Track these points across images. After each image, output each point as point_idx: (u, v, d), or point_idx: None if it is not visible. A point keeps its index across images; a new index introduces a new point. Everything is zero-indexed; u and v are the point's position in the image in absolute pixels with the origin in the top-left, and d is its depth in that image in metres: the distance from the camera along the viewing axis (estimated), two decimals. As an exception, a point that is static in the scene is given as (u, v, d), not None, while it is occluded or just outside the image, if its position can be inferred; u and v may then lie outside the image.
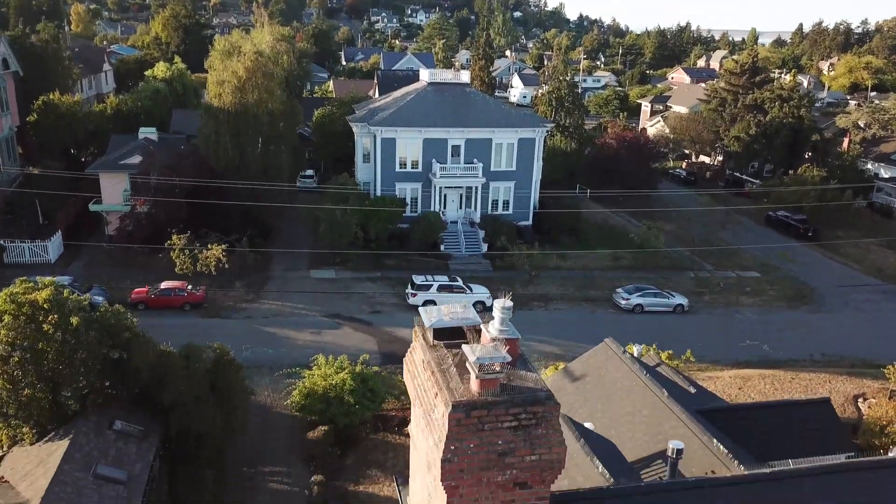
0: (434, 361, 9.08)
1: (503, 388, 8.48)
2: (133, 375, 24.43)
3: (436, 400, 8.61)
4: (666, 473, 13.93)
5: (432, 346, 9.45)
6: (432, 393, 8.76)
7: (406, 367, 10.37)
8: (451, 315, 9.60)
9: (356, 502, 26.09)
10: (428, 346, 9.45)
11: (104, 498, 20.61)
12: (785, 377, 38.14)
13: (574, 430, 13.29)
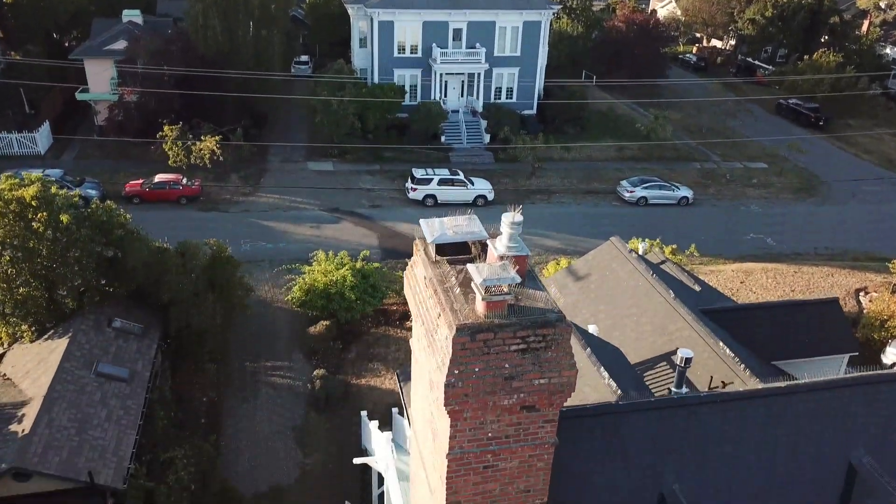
0: (437, 279, 8.42)
1: (511, 309, 7.86)
2: (129, 273, 24.02)
3: (438, 321, 8.01)
4: (673, 380, 13.66)
5: (434, 262, 8.77)
6: (435, 313, 8.15)
7: (406, 281, 9.75)
8: (454, 229, 8.86)
9: (358, 395, 26.41)
10: (430, 262, 8.78)
11: (107, 396, 20.70)
12: (787, 271, 37.91)
13: (580, 338, 12.89)
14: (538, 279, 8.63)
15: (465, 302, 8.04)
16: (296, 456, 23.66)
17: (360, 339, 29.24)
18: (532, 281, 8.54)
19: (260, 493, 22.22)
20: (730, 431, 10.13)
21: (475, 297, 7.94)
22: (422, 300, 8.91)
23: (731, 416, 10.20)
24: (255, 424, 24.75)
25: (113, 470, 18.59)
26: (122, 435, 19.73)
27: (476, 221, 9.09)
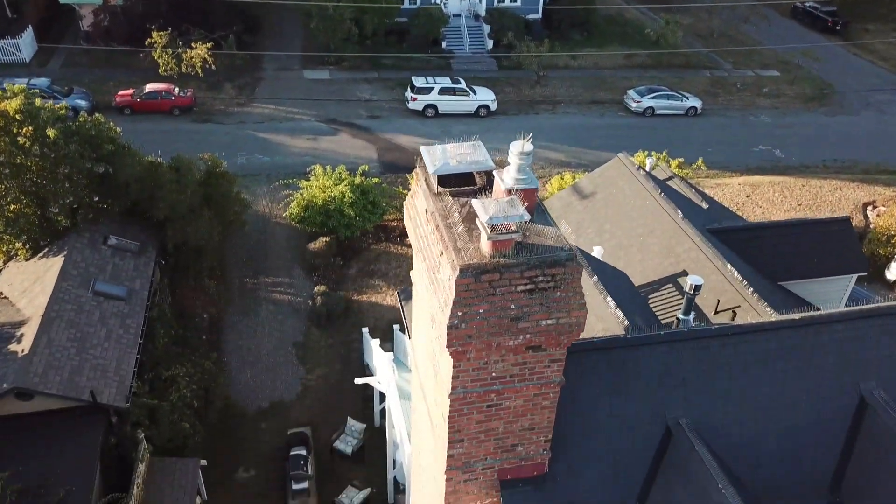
0: (439, 213, 7.87)
1: (518, 247, 7.33)
2: (121, 190, 23.39)
3: (441, 259, 7.51)
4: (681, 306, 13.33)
5: (436, 195, 8.19)
6: (437, 250, 7.64)
7: (406, 212, 9.20)
8: (458, 158, 8.21)
9: (359, 311, 26.35)
10: (431, 194, 8.19)
11: (105, 315, 20.53)
12: (795, 184, 37.19)
13: (587, 264, 12.44)
14: (547, 213, 8.08)
15: (469, 240, 7.52)
16: (297, 372, 23.81)
17: (360, 255, 28.93)
18: (541, 215, 7.99)
19: (262, 409, 22.49)
20: (740, 365, 9.84)
21: (480, 234, 7.41)
22: (423, 235, 8.39)
23: (743, 349, 9.89)
24: (256, 341, 24.80)
25: (115, 389, 18.63)
26: (122, 354, 19.68)
27: (481, 149, 8.44)
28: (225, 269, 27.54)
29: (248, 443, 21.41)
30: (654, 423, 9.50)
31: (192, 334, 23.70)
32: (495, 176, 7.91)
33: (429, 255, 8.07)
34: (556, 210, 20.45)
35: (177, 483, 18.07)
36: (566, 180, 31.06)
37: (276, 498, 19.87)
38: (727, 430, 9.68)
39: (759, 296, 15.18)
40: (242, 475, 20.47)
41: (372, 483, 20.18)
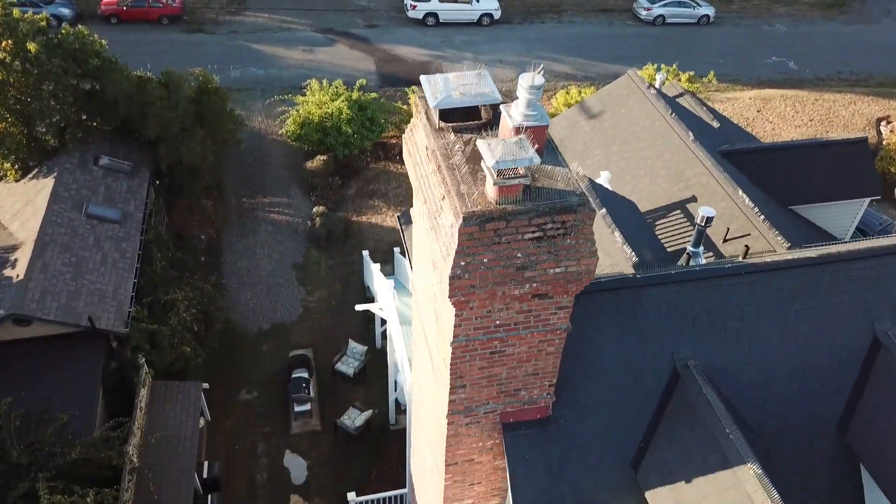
0: (440, 152, 7.30)
1: (526, 191, 6.81)
2: (110, 108, 22.52)
3: (443, 203, 7.01)
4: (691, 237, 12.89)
5: (438, 130, 7.59)
6: (438, 193, 7.12)
7: (406, 147, 8.61)
8: (462, 89, 7.55)
9: (359, 232, 25.96)
10: (432, 130, 7.58)
11: (100, 238, 20.13)
12: (807, 98, 36.01)
13: (595, 195, 11.90)
14: (558, 152, 7.50)
15: (472, 183, 6.98)
16: (298, 293, 23.67)
17: (358, 174, 28.26)
18: (551, 154, 7.41)
19: (263, 331, 22.46)
20: (753, 305, 9.50)
21: (485, 177, 6.87)
22: (424, 174, 7.84)
23: (757, 288, 9.52)
24: (255, 262, 24.53)
25: (113, 314, 18.46)
26: (119, 279, 19.42)
27: (487, 80, 7.76)
28: (222, 189, 26.96)
29: (249, 365, 21.50)
30: (662, 366, 9.25)
31: (190, 256, 23.40)
32: (502, 111, 7.28)
33: (430, 197, 7.55)
34: (562, 130, 19.67)
35: (179, 406, 18.19)
36: (572, 95, 30.00)
37: (278, 419, 20.09)
38: (736, 372, 9.44)
39: (770, 223, 14.70)
40: (245, 396, 20.64)
41: (374, 404, 20.37)
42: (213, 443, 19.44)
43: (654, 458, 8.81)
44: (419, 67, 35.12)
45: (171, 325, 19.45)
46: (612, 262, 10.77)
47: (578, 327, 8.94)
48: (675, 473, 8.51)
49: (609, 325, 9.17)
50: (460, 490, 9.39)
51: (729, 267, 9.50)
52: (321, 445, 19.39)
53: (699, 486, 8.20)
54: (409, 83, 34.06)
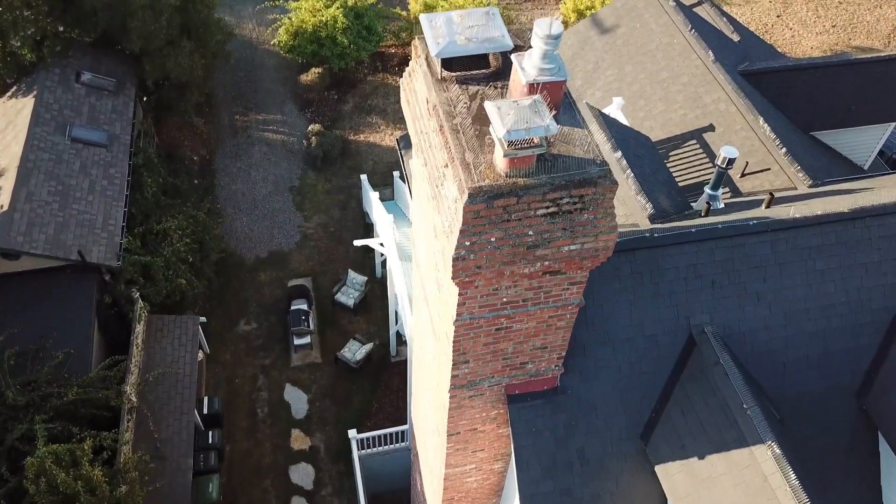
0: (443, 108, 6.43)
1: (540, 160, 6.00)
2: (89, 17, 21.03)
3: (446, 171, 6.21)
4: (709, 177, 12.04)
5: (440, 81, 6.67)
6: (440, 158, 6.31)
7: (404, 95, 7.69)
8: (467, 34, 6.58)
9: (357, 152, 24.95)
10: (434, 80, 6.68)
11: (87, 164, 19.23)
12: (830, 1, 33.88)
13: (609, 135, 10.95)
14: (575, 108, 6.61)
15: (479, 149, 6.14)
16: (295, 219, 22.96)
17: (355, 88, 26.90)
18: (568, 112, 6.53)
19: (260, 259, 21.91)
20: (776, 264, 8.82)
21: (493, 142, 6.03)
22: (423, 130, 6.97)
23: (781, 246, 8.80)
24: (250, 185, 23.68)
25: (104, 246, 17.84)
26: (109, 207, 18.67)
27: (497, 21, 6.74)
28: (213, 106, 25.73)
29: (247, 294, 21.08)
30: (677, 331, 8.67)
31: (183, 180, 22.52)
32: (514, 62, 6.33)
33: (431, 159, 6.72)
34: (572, 47, 18.34)
35: (177, 341, 17.88)
36: (582, 0, 28.13)
37: (278, 351, 19.86)
38: (755, 336, 8.88)
39: (792, 157, 13.81)
40: (244, 328, 20.34)
41: (375, 335, 20.10)
42: (213, 376, 19.29)
43: (665, 429, 8.40)
44: (419, -32, 32.88)
45: (165, 255, 18.87)
46: (627, 211, 10.00)
47: (590, 290, 8.32)
48: (686, 448, 8.11)
49: (623, 289, 8.54)
50: (462, 457, 9.06)
51: (753, 224, 8.75)
52: (322, 378, 19.24)
53: (712, 463, 7.81)
54: (409, -14, 32.02)
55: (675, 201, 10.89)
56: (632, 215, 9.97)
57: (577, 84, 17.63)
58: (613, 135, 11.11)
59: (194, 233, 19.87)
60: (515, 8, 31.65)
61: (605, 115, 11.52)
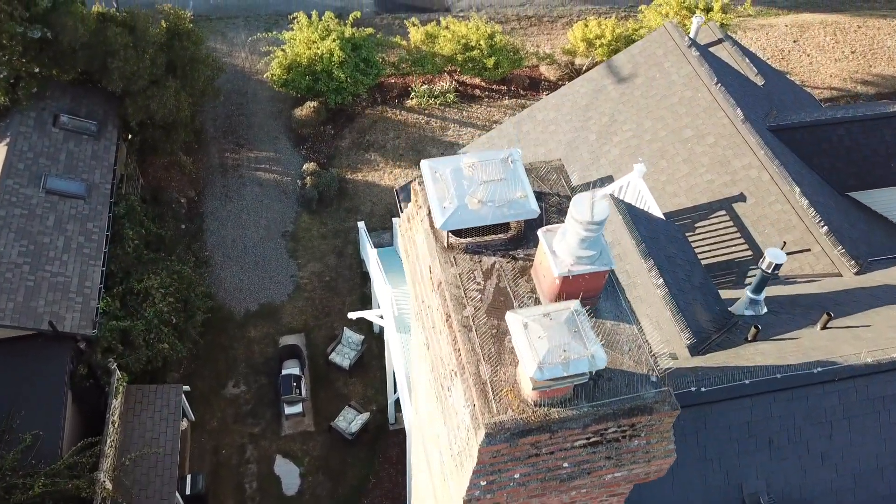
0: (450, 290, 5.08)
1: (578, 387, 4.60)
2: (67, 57, 19.68)
3: (454, 383, 4.82)
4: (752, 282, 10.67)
5: (447, 249, 5.30)
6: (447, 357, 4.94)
7: (402, 243, 6.34)
8: (482, 194, 5.21)
9: (355, 193, 23.57)
10: (439, 247, 5.30)
11: (62, 219, 17.87)
12: (849, 25, 32.52)
13: (638, 236, 9.56)
14: (620, 295, 5.23)
15: (498, 356, 4.78)
16: (288, 267, 21.58)
17: (353, 122, 25.52)
18: (611, 301, 5.16)
19: (251, 313, 20.54)
20: (844, 417, 7.52)
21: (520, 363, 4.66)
22: (425, 301, 5.61)
23: (850, 397, 7.47)
24: (241, 230, 22.30)
25: (79, 312, 16.49)
26: (85, 267, 17.31)
27: (518, 173, 5.36)
28: (202, 142, 24.35)
29: (236, 352, 19.72)
30: (728, 502, 7.31)
31: (169, 225, 21.12)
32: (542, 241, 4.96)
33: (435, 345, 5.36)
34: (585, 97, 16.97)
35: (158, 414, 16.54)
36: (591, 28, 26.74)
37: (268, 417, 18.51)
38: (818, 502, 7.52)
39: (836, 238, 12.45)
40: (232, 391, 18.99)
41: (372, 399, 18.75)
42: (198, 446, 17.95)
43: None
44: (420, -11, 31.54)
45: (147, 318, 17.50)
46: (663, 337, 8.63)
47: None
48: None
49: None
50: None
51: (818, 372, 7.38)
52: (315, 449, 17.89)
53: None
54: (409, 9, 30.64)
55: (714, 311, 9.53)
56: (668, 342, 8.61)
57: (592, 139, 16.26)
58: (642, 232, 9.74)
59: (178, 290, 18.50)
60: (520, 32, 30.28)
61: (632, 208, 10.14)
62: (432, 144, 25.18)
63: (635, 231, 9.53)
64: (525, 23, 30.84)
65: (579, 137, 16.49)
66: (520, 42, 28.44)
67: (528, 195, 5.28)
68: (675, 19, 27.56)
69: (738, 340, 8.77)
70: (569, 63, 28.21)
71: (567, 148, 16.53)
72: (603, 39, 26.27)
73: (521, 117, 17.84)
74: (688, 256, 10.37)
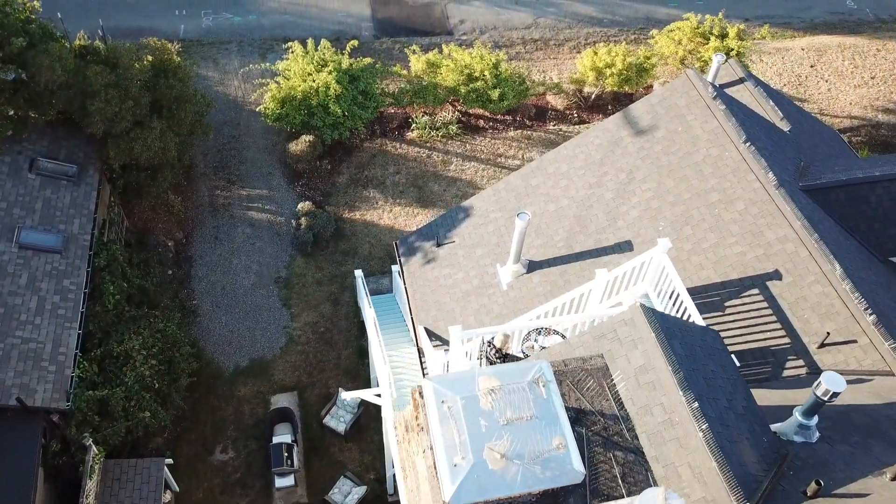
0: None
1: None
2: (44, 99, 18.43)
3: None
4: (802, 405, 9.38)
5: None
6: None
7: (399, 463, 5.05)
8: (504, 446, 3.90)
9: (352, 233, 22.30)
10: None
11: (36, 276, 16.61)
12: (868, 49, 31.24)
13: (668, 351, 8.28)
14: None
15: None
16: (281, 318, 20.31)
17: (351, 156, 24.25)
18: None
19: (240, 369, 19.28)
20: None
21: None
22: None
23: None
24: (231, 276, 21.03)
25: (52, 384, 15.25)
26: (60, 331, 16.07)
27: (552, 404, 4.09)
28: (192, 178, 23.09)
29: (224, 413, 18.47)
30: None
31: (154, 273, 19.80)
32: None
33: None
34: (601, 150, 15.68)
35: (137, 492, 15.28)
36: (600, 56, 25.42)
37: (259, 487, 17.25)
38: None
39: (886, 330, 11.18)
40: (219, 457, 17.73)
41: (370, 468, 17.49)
42: (182, 522, 16.70)
43: None
44: (420, 11, 30.29)
45: (127, 383, 16.23)
46: (708, 495, 7.34)
47: None
48: None
49: None
50: None
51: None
52: (308, 527, 16.67)
53: None
54: (410, 31, 29.39)
55: (762, 444, 8.27)
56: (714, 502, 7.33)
57: (608, 197, 14.98)
58: (677, 351, 8.45)
59: (162, 351, 17.25)
60: (525, 57, 28.99)
61: (664, 320, 8.85)
62: (434, 180, 23.92)
63: (671, 354, 8.24)
64: (531, 46, 29.57)
65: (594, 195, 15.21)
66: (525, 69, 27.15)
67: (567, 444, 3.99)
68: (690, 46, 26.29)
69: (795, 495, 7.50)
70: (577, 91, 26.91)
71: (580, 206, 15.24)
72: (613, 69, 24.99)
73: (530, 169, 16.56)
74: (728, 373, 9.08)
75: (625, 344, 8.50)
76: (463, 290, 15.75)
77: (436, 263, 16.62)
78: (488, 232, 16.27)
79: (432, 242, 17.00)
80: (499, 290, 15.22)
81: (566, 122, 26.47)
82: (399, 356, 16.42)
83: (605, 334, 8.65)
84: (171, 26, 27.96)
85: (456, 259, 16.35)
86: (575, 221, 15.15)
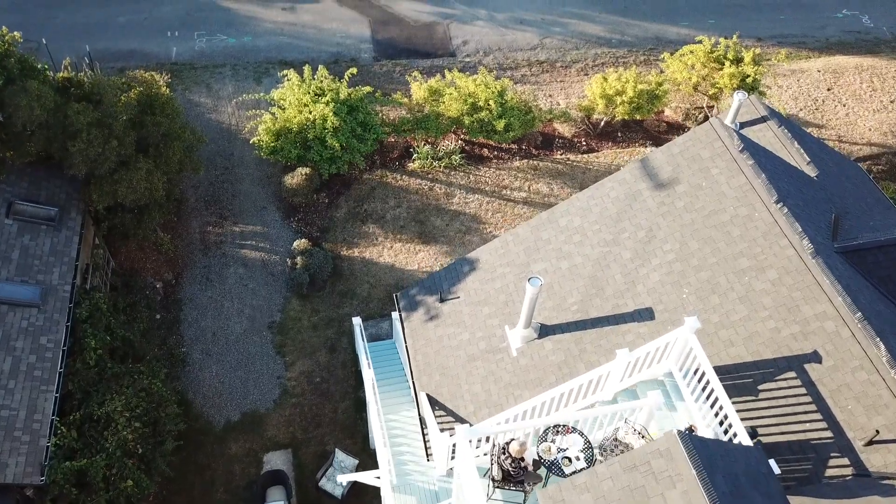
0: None
1: None
2: (22, 139, 17.34)
3: None
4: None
5: None
6: None
7: None
8: None
9: (350, 273, 21.19)
10: None
11: (10, 334, 15.51)
12: (887, 70, 30.12)
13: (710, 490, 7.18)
14: None
15: None
16: (275, 367, 19.22)
17: (349, 189, 23.13)
18: None
19: (231, 423, 18.18)
20: None
21: None
22: None
23: None
24: (222, 321, 19.93)
25: (25, 456, 14.16)
26: (35, 396, 14.98)
27: None
28: (183, 214, 21.97)
29: (214, 473, 17.38)
30: None
31: (142, 319, 18.64)
32: None
33: None
34: (617, 203, 14.55)
35: (118, 574, 14.21)
36: (610, 83, 24.27)
37: (250, 559, 16.19)
38: None
39: (940, 426, 10.07)
40: (208, 524, 16.67)
41: (368, 537, 16.43)
42: None
43: None
44: (423, 31, 29.16)
45: (108, 450, 15.12)
46: None
47: None
48: None
49: None
50: None
51: None
52: None
53: None
54: (412, 53, 28.27)
55: None
56: None
57: (626, 257, 13.86)
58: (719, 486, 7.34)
59: (147, 412, 16.13)
60: (531, 80, 27.87)
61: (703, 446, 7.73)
62: (436, 214, 22.79)
63: (715, 497, 7.14)
64: (537, 69, 28.46)
65: (610, 254, 14.08)
66: (531, 93, 26.00)
67: None
68: (703, 72, 25.17)
69: None
70: (585, 118, 25.79)
71: (596, 266, 14.12)
72: (624, 96, 23.85)
73: (540, 221, 15.43)
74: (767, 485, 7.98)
75: (661, 481, 7.41)
76: (469, 353, 14.64)
77: (439, 321, 15.50)
78: (496, 289, 15.15)
79: (435, 297, 15.87)
80: (508, 355, 14.11)
81: (574, 151, 25.34)
82: (399, 421, 15.32)
83: (638, 466, 7.56)
84: (163, 49, 26.86)
85: (461, 317, 15.23)
86: (590, 282, 14.03)
